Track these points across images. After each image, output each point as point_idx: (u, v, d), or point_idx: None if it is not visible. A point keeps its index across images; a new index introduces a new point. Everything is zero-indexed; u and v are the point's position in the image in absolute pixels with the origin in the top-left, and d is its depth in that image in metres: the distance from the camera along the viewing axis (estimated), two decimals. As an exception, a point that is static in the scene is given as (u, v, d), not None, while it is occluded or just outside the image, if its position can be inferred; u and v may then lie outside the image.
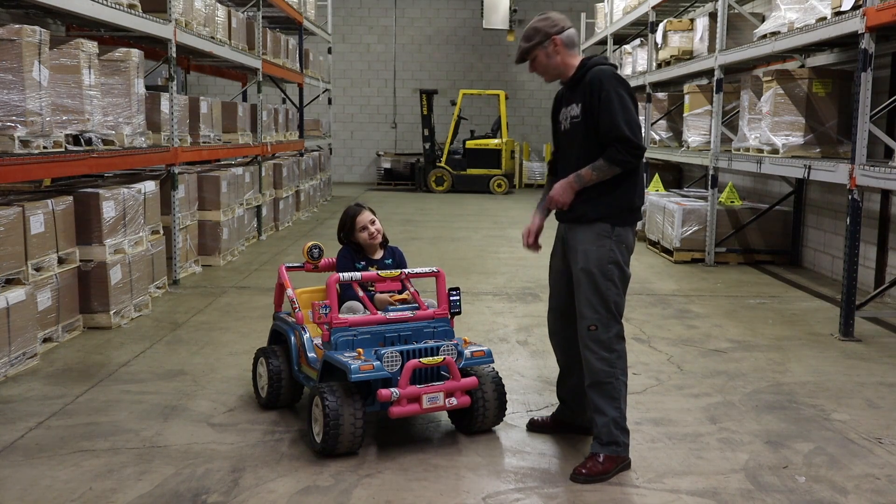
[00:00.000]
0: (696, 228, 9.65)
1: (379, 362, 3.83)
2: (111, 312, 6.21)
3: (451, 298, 4.23)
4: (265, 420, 4.38)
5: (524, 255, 10.16)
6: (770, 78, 7.86)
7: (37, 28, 5.28)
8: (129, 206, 6.60)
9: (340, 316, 4.07)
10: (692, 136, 10.59)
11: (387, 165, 21.14)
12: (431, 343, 4.03)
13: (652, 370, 5.38)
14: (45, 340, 5.59)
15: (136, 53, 6.82)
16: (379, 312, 4.16)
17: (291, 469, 3.77)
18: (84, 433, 4.15)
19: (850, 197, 6.21)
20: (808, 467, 3.89)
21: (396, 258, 4.71)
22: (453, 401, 3.91)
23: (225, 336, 6.10)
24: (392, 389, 3.79)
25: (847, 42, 7.52)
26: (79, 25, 8.19)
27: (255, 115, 11.42)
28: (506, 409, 4.23)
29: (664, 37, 11.50)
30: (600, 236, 3.79)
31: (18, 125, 5.09)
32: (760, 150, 8.04)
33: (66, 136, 5.76)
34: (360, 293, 4.23)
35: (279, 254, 10.01)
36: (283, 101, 16.61)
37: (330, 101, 18.84)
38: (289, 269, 4.81)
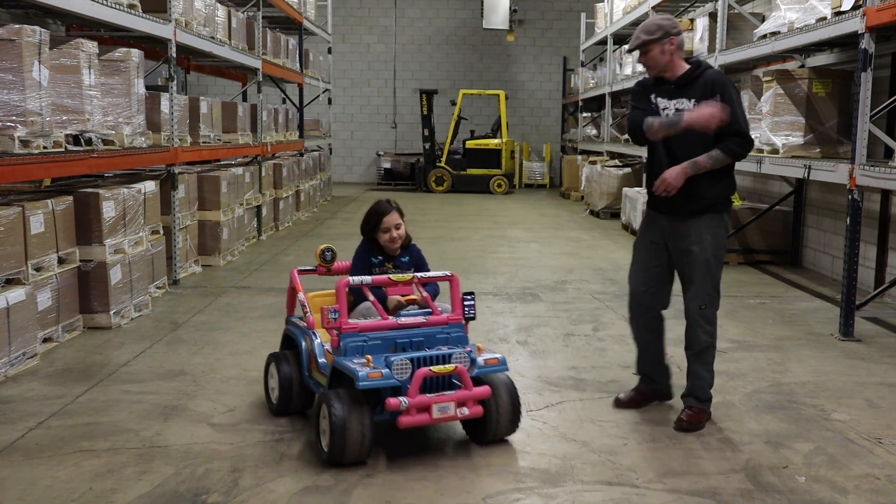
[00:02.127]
0: (696, 228, 9.63)
1: (388, 370, 3.71)
2: (111, 312, 6.21)
3: (466, 303, 4.10)
4: (265, 420, 4.38)
5: (524, 255, 10.16)
6: (770, 78, 7.86)
7: (37, 28, 5.28)
8: (129, 206, 6.60)
9: (350, 321, 3.95)
10: (692, 136, 10.57)
11: (387, 165, 21.14)
12: (444, 350, 3.88)
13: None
14: (45, 340, 5.58)
15: (136, 53, 6.82)
16: (391, 317, 4.03)
17: (291, 469, 3.77)
18: (84, 433, 4.15)
19: (850, 197, 6.21)
20: (808, 467, 3.89)
21: (414, 257, 4.61)
22: (465, 411, 3.80)
23: (225, 336, 6.10)
24: (401, 399, 3.67)
25: (847, 42, 7.51)
26: (79, 25, 8.18)
27: (255, 115, 11.42)
28: (520, 417, 4.10)
29: (664, 37, 11.47)
30: (713, 225, 4.30)
31: (18, 125, 5.09)
32: (760, 150, 8.04)
33: (66, 136, 5.76)
34: (371, 297, 4.09)
35: (279, 254, 10.01)
36: (283, 101, 16.61)
37: (330, 101, 18.85)
38: (301, 272, 4.61)
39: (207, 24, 9.04)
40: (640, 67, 13.28)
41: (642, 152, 12.76)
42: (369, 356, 3.79)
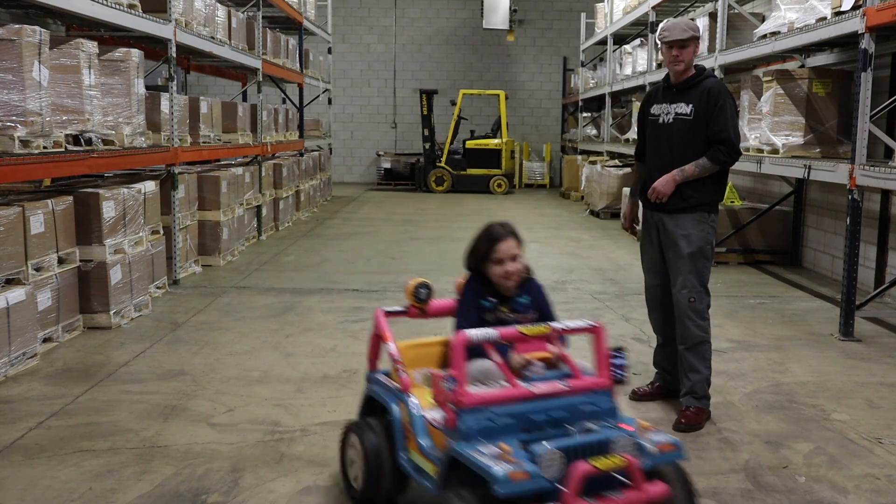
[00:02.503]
0: (696, 228, 9.64)
1: (534, 465, 2.66)
2: (111, 312, 6.21)
3: (614, 362, 3.08)
4: (265, 420, 4.38)
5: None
6: (770, 78, 7.86)
7: (37, 28, 5.28)
8: (129, 206, 6.60)
9: (471, 391, 2.89)
10: (692, 136, 10.57)
11: (387, 165, 21.14)
12: (598, 432, 2.84)
13: (652, 370, 5.37)
14: (45, 340, 5.59)
15: (136, 53, 6.82)
16: (520, 383, 2.98)
17: (291, 469, 3.77)
18: (84, 433, 4.15)
19: (850, 197, 6.21)
20: (808, 467, 3.89)
21: (533, 296, 3.52)
22: None
23: (225, 336, 6.10)
24: None
25: (847, 42, 7.51)
26: (79, 25, 8.18)
27: (255, 115, 11.42)
28: None
29: (664, 37, 11.49)
30: (699, 222, 4.47)
31: (18, 125, 5.09)
32: (760, 150, 8.04)
33: (66, 136, 5.76)
34: (495, 356, 3.05)
35: (279, 254, 10.01)
36: (283, 101, 16.61)
37: (330, 101, 18.84)
38: (388, 314, 3.60)
39: (207, 24, 9.04)
40: (640, 67, 13.30)
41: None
42: (505, 445, 2.76)
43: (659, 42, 4.59)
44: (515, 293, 3.47)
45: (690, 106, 4.47)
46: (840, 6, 6.52)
